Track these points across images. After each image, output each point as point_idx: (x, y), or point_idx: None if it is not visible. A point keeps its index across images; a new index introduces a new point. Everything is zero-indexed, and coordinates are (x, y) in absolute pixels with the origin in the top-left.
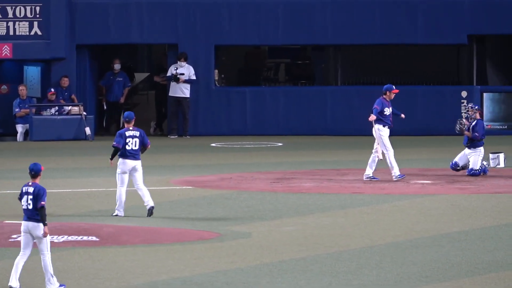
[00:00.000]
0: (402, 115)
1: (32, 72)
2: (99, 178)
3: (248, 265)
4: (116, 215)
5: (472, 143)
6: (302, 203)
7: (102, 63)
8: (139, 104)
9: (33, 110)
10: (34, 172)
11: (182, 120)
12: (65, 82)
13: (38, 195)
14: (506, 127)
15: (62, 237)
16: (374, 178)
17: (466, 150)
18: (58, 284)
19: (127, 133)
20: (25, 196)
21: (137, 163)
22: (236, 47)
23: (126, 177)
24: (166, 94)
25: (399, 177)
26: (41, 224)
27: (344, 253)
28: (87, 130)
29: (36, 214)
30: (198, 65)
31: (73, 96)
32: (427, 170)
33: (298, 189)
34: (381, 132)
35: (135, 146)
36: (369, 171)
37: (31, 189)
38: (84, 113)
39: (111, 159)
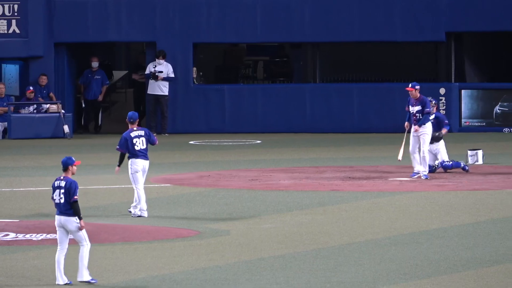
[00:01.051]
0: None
1: (10, 70)
2: (77, 176)
3: (227, 262)
4: (140, 216)
5: (434, 138)
6: (280, 201)
7: (80, 61)
8: (118, 102)
9: (12, 108)
10: (64, 166)
11: (160, 118)
12: (44, 80)
13: (70, 189)
14: (484, 124)
15: (40, 235)
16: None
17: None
18: (90, 278)
19: (132, 134)
20: (57, 191)
21: (147, 163)
22: (214, 45)
23: (140, 175)
24: (145, 92)
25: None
26: (72, 218)
27: (322, 250)
28: (66, 128)
29: (69, 208)
30: (177, 63)
31: (51, 94)
32: (405, 167)
33: (277, 187)
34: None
35: (143, 145)
36: (419, 168)
37: (62, 183)
38: (63, 111)
39: (119, 165)
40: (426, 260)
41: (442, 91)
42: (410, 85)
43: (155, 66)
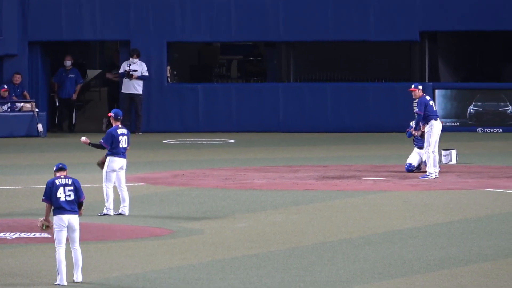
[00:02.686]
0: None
1: None
2: (51, 174)
3: (200, 261)
4: (106, 214)
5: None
6: (254, 200)
7: (54, 59)
8: (92, 101)
9: None
10: (63, 167)
11: (135, 116)
12: (17, 79)
13: (79, 188)
14: (458, 123)
15: (14, 234)
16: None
17: (417, 149)
18: (81, 278)
19: (119, 131)
20: (62, 188)
21: (125, 162)
22: (188, 44)
23: (114, 175)
24: (119, 91)
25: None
26: (77, 216)
27: (296, 249)
28: (39, 127)
29: (76, 206)
30: (151, 62)
31: (25, 93)
32: (379, 166)
33: (251, 186)
34: None
35: (125, 144)
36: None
37: (68, 181)
38: (36, 109)
39: (91, 145)
40: (399, 260)
41: None
42: (412, 86)
43: (129, 65)
